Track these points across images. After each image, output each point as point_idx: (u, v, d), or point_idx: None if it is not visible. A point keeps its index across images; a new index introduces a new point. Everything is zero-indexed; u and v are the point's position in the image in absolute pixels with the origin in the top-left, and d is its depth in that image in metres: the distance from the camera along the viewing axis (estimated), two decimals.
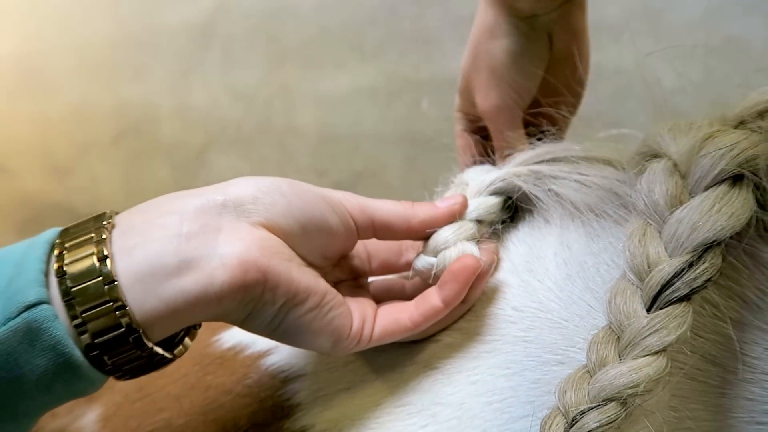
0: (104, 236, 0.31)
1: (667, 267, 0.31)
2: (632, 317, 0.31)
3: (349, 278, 0.43)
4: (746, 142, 0.31)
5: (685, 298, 0.30)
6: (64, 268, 0.30)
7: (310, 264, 0.37)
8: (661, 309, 0.31)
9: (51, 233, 0.32)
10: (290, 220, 0.34)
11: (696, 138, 0.32)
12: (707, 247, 0.31)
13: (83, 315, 0.29)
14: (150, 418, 0.47)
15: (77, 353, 0.29)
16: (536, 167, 0.41)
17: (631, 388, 0.29)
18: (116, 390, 0.51)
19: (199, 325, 0.37)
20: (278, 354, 0.45)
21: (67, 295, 0.30)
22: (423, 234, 0.40)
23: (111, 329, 0.30)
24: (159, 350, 0.32)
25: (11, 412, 0.30)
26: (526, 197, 0.43)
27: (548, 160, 0.42)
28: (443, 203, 0.41)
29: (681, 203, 0.32)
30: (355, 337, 0.37)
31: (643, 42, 0.54)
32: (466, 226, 0.40)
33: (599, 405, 0.30)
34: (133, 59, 1.24)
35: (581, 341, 0.36)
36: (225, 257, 0.31)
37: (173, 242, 0.31)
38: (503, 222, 0.43)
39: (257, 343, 0.46)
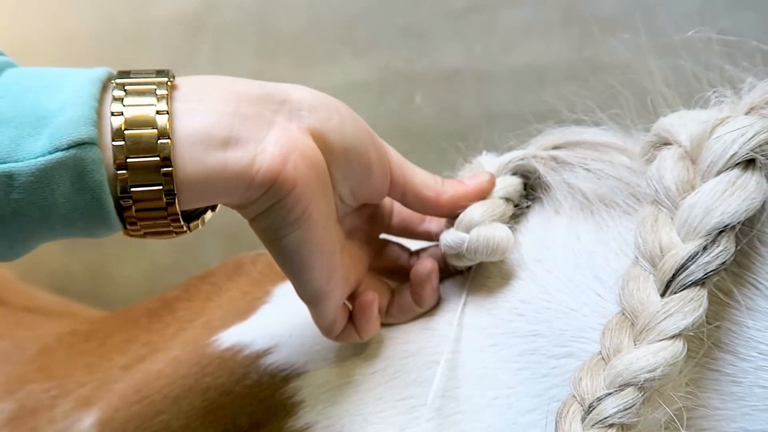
0: (166, 92, 0.31)
1: (680, 251, 0.31)
2: (646, 302, 0.31)
3: (364, 227, 0.42)
4: (758, 126, 0.31)
5: (700, 282, 0.30)
6: (123, 111, 0.30)
7: (338, 195, 0.37)
8: (675, 294, 0.31)
9: (102, 72, 0.32)
10: (337, 139, 0.34)
11: (707, 124, 0.32)
12: (721, 231, 0.30)
13: (129, 161, 0.30)
14: (148, 421, 0.46)
15: (110, 201, 0.30)
16: (554, 152, 0.41)
17: (648, 372, 0.29)
18: (114, 392, 0.50)
19: (216, 208, 0.37)
20: (278, 353, 0.44)
21: (118, 137, 0.30)
22: (449, 211, 0.40)
23: (151, 184, 0.30)
24: (180, 218, 0.32)
25: (26, 235, 0.31)
26: (537, 184, 0.42)
27: (564, 145, 0.42)
28: (471, 181, 0.41)
29: (693, 188, 0.32)
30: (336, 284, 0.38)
31: (638, 35, 0.54)
32: (497, 204, 0.40)
33: (616, 391, 0.29)
34: (122, 53, 1.20)
35: (590, 331, 0.36)
36: (271, 145, 0.32)
37: (228, 117, 0.32)
38: (519, 206, 0.43)
39: (256, 342, 0.46)
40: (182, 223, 0.33)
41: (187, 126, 0.31)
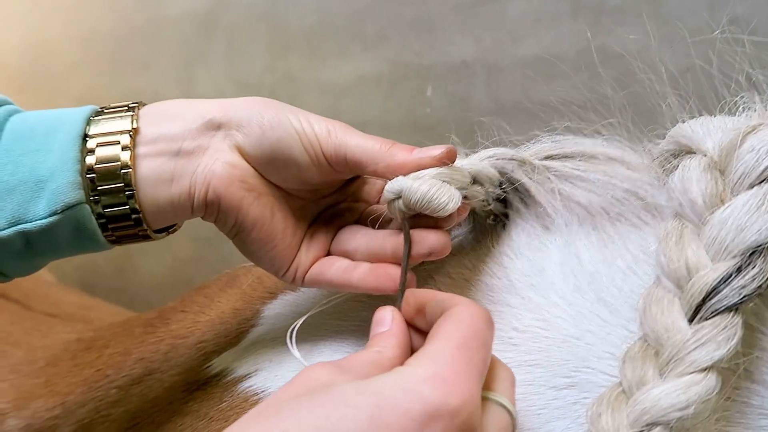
0: (130, 142, 0.37)
1: (711, 272, 0.28)
2: (672, 329, 0.28)
3: (349, 200, 0.44)
4: None
5: (734, 307, 0.27)
6: (94, 167, 0.37)
7: (290, 189, 0.41)
8: (706, 320, 0.27)
9: (80, 123, 0.38)
10: (259, 151, 0.39)
11: (736, 132, 0.29)
12: (756, 251, 0.27)
13: (106, 212, 0.37)
14: None
15: (103, 238, 0.38)
16: (546, 162, 0.38)
17: (680, 410, 0.26)
18: (112, 419, 0.49)
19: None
20: (256, 377, 0.43)
21: (94, 193, 0.37)
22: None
23: (126, 220, 0.38)
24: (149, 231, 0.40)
25: (40, 262, 0.40)
26: (523, 195, 0.39)
27: (558, 155, 0.38)
28: (424, 152, 0.37)
29: (722, 202, 0.29)
30: (289, 276, 0.41)
31: (647, 25, 0.52)
32: (460, 172, 0.36)
33: (642, 430, 0.27)
34: (137, 51, 1.23)
35: (595, 360, 0.33)
36: (200, 177, 0.38)
37: (172, 159, 0.38)
38: (495, 219, 0.40)
39: (240, 368, 0.44)
40: (153, 236, 0.40)
41: (144, 172, 0.38)
